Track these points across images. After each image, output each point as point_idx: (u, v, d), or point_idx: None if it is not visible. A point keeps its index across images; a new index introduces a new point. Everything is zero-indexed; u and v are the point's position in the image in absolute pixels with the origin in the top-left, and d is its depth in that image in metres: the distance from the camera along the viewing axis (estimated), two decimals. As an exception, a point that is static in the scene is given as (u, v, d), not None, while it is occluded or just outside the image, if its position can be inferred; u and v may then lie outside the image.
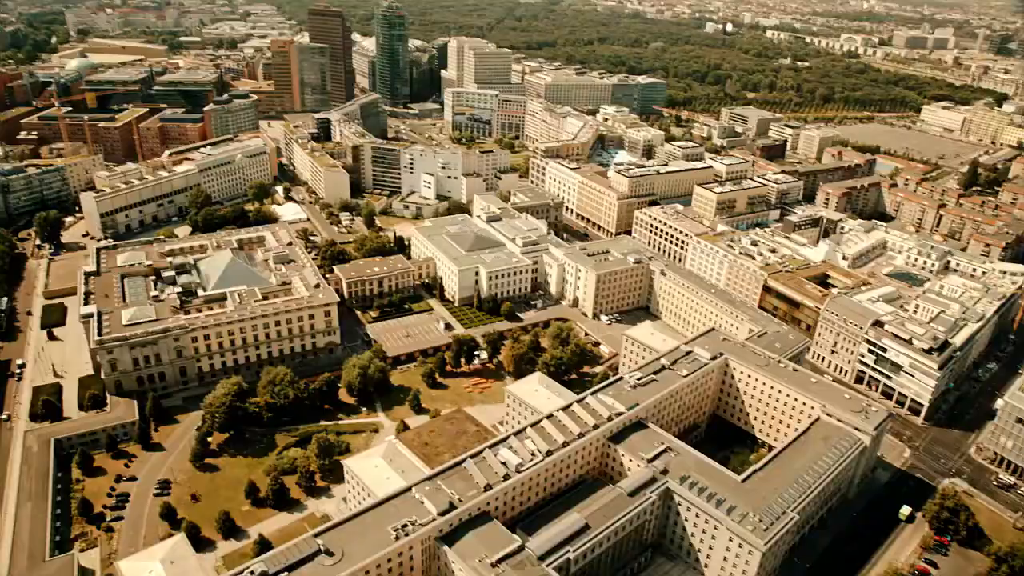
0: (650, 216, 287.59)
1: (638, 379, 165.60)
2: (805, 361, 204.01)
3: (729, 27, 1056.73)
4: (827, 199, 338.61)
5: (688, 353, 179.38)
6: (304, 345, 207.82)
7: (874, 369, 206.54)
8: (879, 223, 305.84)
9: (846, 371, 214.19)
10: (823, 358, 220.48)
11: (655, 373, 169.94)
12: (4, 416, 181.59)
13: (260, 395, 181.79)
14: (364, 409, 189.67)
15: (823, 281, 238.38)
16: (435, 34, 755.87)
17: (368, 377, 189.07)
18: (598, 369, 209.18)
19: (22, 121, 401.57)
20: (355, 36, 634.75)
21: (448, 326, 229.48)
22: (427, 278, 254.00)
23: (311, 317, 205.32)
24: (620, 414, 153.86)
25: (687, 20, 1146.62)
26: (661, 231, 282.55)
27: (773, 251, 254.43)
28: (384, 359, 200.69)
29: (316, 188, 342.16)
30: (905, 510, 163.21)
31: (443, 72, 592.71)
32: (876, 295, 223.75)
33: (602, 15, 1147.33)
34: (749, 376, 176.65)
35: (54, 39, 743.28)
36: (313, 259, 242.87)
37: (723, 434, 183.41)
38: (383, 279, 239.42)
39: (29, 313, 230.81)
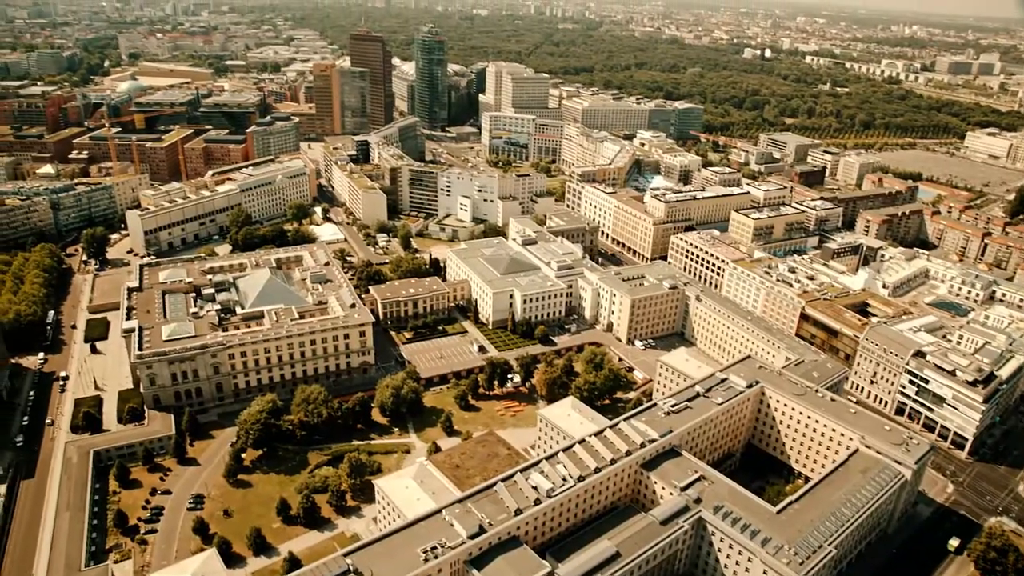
0: (686, 242, 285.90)
1: (672, 406, 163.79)
2: (843, 391, 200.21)
3: (767, 53, 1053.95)
4: (867, 226, 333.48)
5: (723, 380, 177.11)
6: (339, 364, 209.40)
7: (915, 401, 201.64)
8: (921, 251, 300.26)
9: (886, 402, 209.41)
10: (862, 388, 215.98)
11: (689, 400, 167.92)
12: (49, 420, 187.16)
13: (294, 413, 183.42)
14: (396, 429, 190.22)
15: (862, 310, 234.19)
16: (473, 59, 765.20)
17: (401, 398, 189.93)
18: (631, 395, 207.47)
19: (74, 141, 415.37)
20: (395, 60, 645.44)
21: (482, 348, 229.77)
22: (462, 300, 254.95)
23: (346, 337, 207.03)
24: (653, 441, 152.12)
25: (725, 46, 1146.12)
26: (697, 257, 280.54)
27: (811, 278, 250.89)
28: (417, 380, 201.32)
29: (354, 209, 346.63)
30: (954, 542, 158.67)
31: (481, 96, 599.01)
32: (918, 325, 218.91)
33: (640, 41, 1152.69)
34: (785, 405, 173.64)
35: (107, 63, 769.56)
36: (349, 279, 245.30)
37: (758, 464, 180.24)
38: (418, 300, 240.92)
39: (74, 327, 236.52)
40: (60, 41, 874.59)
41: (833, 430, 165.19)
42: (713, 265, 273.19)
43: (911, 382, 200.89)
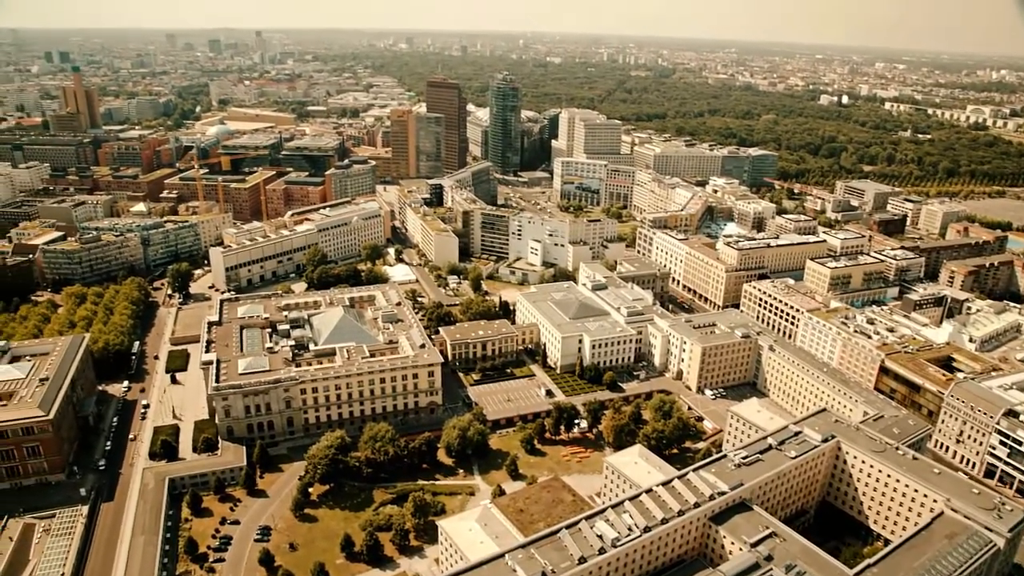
0: (759, 290, 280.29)
1: (743, 458, 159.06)
2: (926, 449, 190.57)
3: (845, 99, 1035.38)
4: (952, 277, 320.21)
5: (797, 433, 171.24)
6: (407, 403, 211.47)
7: (1007, 463, 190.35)
8: (1012, 304, 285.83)
9: (974, 463, 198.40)
10: (947, 447, 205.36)
11: (761, 452, 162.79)
12: (131, 436, 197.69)
13: (361, 450, 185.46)
14: (461, 471, 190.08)
15: (947, 364, 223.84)
16: (546, 105, 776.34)
17: (467, 439, 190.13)
18: (701, 445, 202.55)
19: (166, 181, 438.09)
20: (470, 107, 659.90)
21: (549, 392, 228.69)
22: (530, 343, 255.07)
23: (415, 376, 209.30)
24: (723, 493, 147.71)
25: (800, 92, 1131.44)
26: (771, 306, 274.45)
27: (891, 330, 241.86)
28: (484, 422, 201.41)
29: (426, 251, 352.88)
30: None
31: (553, 142, 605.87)
32: (1009, 382, 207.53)
33: (713, 88, 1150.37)
34: (864, 462, 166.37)
35: (199, 108, 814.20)
36: (420, 320, 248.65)
37: (833, 523, 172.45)
38: (487, 342, 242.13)
39: (156, 357, 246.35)
40: (158, 89, 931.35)
41: (916, 491, 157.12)
42: (787, 314, 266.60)
43: (1003, 443, 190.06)
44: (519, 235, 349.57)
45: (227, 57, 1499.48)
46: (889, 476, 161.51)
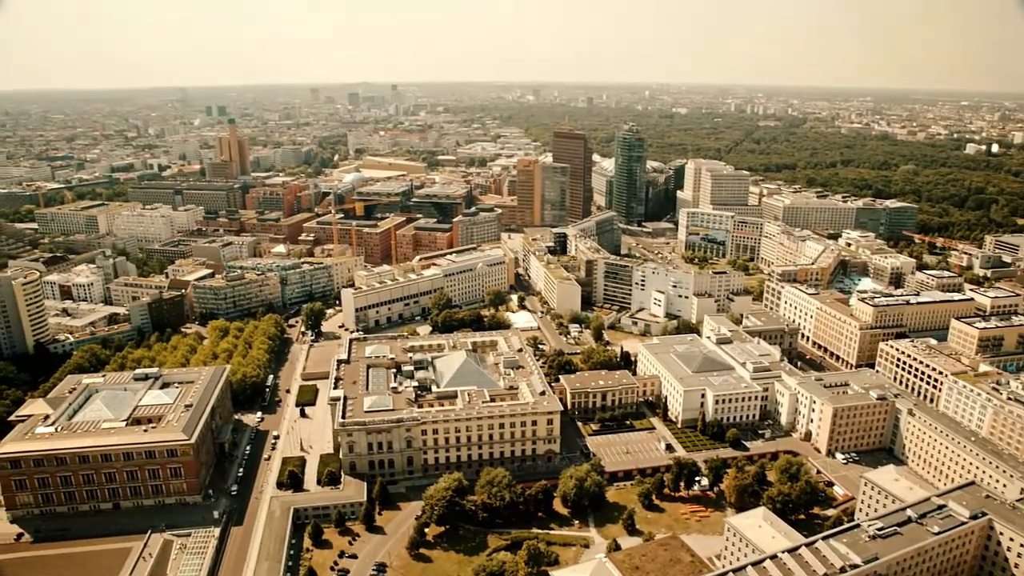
0: (897, 349, 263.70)
1: (878, 529, 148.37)
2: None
3: (995, 148, 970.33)
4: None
5: (941, 507, 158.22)
6: (524, 450, 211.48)
7: None
8: None
9: None
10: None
11: (899, 525, 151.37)
12: (266, 456, 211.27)
13: (478, 494, 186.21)
14: (577, 522, 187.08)
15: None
16: (672, 156, 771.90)
17: (584, 490, 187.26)
18: (830, 512, 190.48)
19: (304, 225, 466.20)
20: (595, 157, 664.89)
21: (669, 447, 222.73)
22: (651, 396, 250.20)
23: (534, 423, 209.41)
24: (855, 567, 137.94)
25: (943, 141, 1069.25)
26: (910, 367, 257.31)
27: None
28: (601, 473, 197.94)
29: (549, 299, 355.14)
30: None
31: (679, 192, 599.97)
32: None
33: (846, 137, 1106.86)
34: (1022, 545, 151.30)
35: (336, 157, 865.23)
36: (541, 367, 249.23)
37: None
38: (607, 392, 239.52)
39: (288, 391, 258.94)
40: (301, 139, 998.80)
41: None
42: (929, 377, 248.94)
43: None
44: (642, 285, 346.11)
45: (364, 109, 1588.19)
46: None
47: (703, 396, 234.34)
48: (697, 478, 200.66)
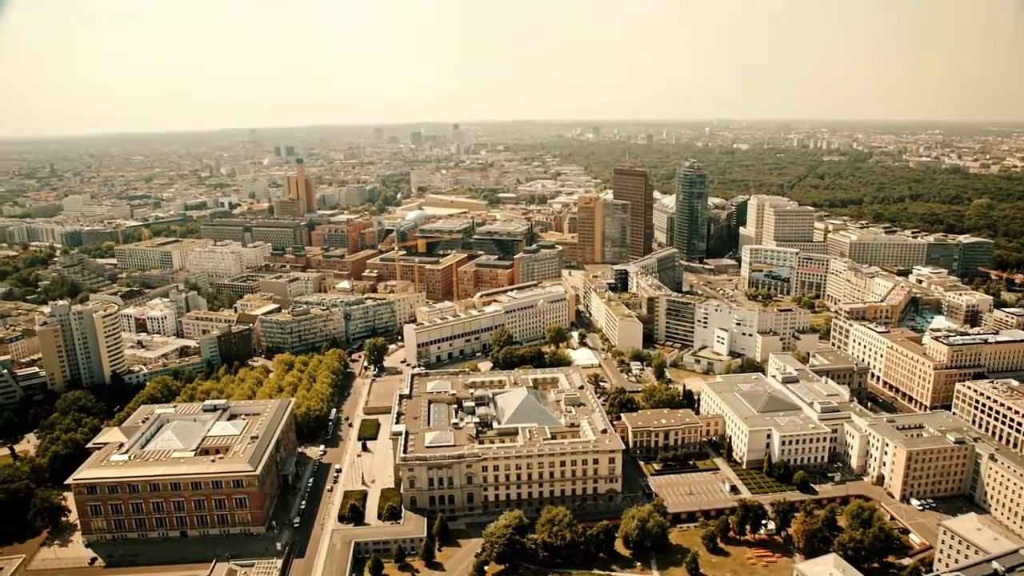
0: (976, 391, 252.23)
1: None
2: None
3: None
4: None
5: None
6: (585, 489, 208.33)
7: None
8: None
9: None
10: None
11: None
12: (328, 488, 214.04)
13: (538, 532, 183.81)
14: (639, 564, 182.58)
15: None
16: (734, 192, 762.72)
17: (646, 531, 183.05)
18: (907, 561, 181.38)
19: (368, 261, 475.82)
20: (656, 194, 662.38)
21: (734, 489, 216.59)
22: (715, 435, 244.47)
23: (595, 462, 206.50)
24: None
25: (1020, 174, 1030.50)
26: (990, 409, 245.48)
27: None
28: (664, 514, 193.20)
29: (610, 336, 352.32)
30: None
31: (741, 229, 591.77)
32: None
33: (914, 171, 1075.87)
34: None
35: (399, 195, 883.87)
36: (602, 404, 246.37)
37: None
38: (669, 431, 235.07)
39: (351, 425, 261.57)
40: (365, 177, 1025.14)
41: None
42: (1011, 420, 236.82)
43: None
44: (705, 323, 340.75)
45: (427, 148, 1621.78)
46: None
47: (769, 436, 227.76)
48: (763, 521, 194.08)
